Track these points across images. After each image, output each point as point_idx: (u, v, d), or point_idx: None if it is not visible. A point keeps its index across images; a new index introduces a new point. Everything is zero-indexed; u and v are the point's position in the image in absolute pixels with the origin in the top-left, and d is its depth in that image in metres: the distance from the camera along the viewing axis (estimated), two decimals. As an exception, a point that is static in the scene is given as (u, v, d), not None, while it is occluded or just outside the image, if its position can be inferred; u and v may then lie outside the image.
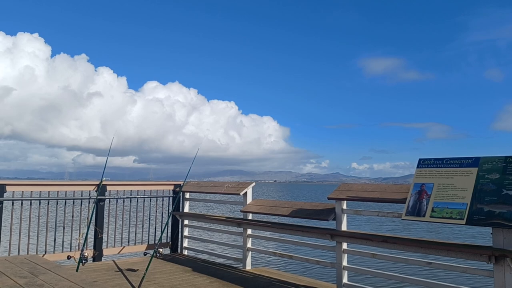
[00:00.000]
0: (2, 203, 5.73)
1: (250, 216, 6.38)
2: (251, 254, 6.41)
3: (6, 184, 5.86)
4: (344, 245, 5.10)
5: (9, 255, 5.61)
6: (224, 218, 6.76)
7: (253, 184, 6.57)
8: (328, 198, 5.24)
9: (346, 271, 5.08)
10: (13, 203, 5.91)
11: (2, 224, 5.67)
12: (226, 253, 7.28)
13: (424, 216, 4.16)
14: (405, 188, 4.63)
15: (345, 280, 5.06)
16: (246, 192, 6.44)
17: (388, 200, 4.73)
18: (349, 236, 5.00)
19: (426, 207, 4.18)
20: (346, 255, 5.11)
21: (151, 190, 7.42)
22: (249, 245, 6.35)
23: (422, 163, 4.51)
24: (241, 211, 6.39)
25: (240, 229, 6.44)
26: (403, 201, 4.47)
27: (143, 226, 7.19)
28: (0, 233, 5.62)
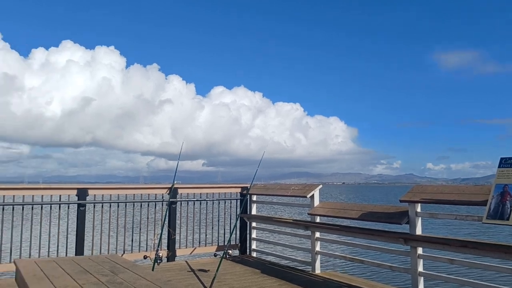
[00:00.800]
0: (85, 206, 6.18)
1: (317, 219, 6.30)
2: (320, 257, 6.32)
3: (88, 188, 6.33)
4: (419, 250, 4.85)
5: (92, 254, 6.04)
6: (291, 221, 6.73)
7: (320, 186, 6.49)
8: (400, 201, 5.02)
9: (422, 277, 4.83)
10: (94, 206, 6.36)
11: (85, 225, 6.13)
12: (294, 256, 7.24)
13: (508, 219, 3.83)
14: (485, 190, 4.30)
15: (421, 286, 4.81)
16: (313, 195, 6.37)
17: (467, 202, 4.43)
18: (425, 241, 4.75)
19: (510, 210, 3.85)
20: (421, 260, 4.86)
21: (219, 192, 7.61)
22: (317, 248, 6.27)
23: (505, 163, 4.17)
24: (308, 214, 6.33)
25: (308, 232, 6.38)
26: (483, 203, 4.16)
27: (212, 228, 7.39)
28: (84, 233, 6.08)
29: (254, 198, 7.71)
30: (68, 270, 3.90)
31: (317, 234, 6.28)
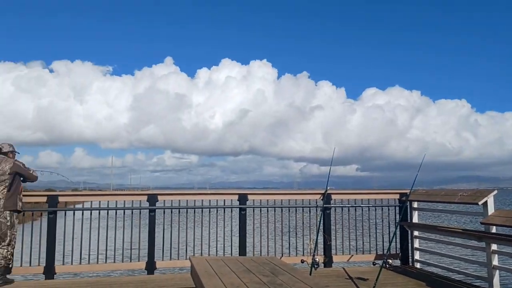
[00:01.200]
0: (246, 210, 6.61)
1: (493, 229, 5.50)
2: (499, 273, 5.49)
3: (248, 194, 6.76)
4: None
5: (253, 255, 6.42)
6: (460, 230, 6.03)
7: (495, 191, 5.66)
8: None
9: None
10: (253, 210, 6.74)
11: (247, 229, 6.55)
12: (465, 270, 6.45)
13: None
14: None
15: None
16: (486, 201, 5.59)
17: None
18: None
19: None
20: None
21: (375, 199, 7.29)
22: (495, 262, 5.46)
23: None
24: (481, 223, 5.57)
25: (482, 244, 5.62)
26: None
27: (369, 235, 7.11)
28: (246, 236, 6.50)
29: (415, 205, 7.15)
30: (234, 269, 4.20)
31: (494, 247, 5.48)
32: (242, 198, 6.64)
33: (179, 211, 6.49)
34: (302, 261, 6.13)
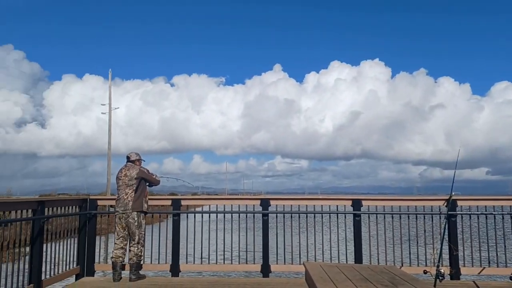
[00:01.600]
0: (360, 216, 6.37)
1: None
2: None
3: (362, 199, 6.51)
4: None
5: (370, 263, 6.13)
6: None
7: None
8: None
9: None
10: (369, 217, 6.46)
11: (362, 235, 6.30)
12: None
13: None
14: None
15: None
16: None
17: None
18: None
19: None
20: None
21: (510, 205, 6.44)
22: None
23: None
24: None
25: None
26: None
27: (505, 246, 6.30)
28: (361, 242, 6.25)
29: (562, 213, 6.14)
30: (350, 276, 4.05)
31: None
32: (356, 204, 6.41)
33: (291, 215, 6.52)
34: (425, 272, 5.67)
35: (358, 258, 6.21)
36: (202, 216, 6.82)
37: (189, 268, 6.60)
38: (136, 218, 5.96)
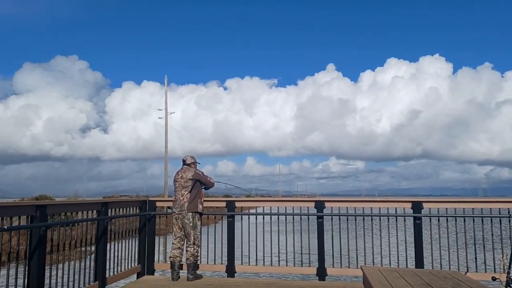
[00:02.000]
0: (421, 219, 6.08)
1: None
2: None
3: (422, 201, 6.22)
4: None
5: (432, 268, 5.84)
6: None
7: None
8: None
9: None
10: (430, 219, 6.17)
11: (424, 239, 6.01)
12: None
13: None
14: None
15: None
16: None
17: None
18: None
19: None
20: None
21: None
22: None
23: None
24: None
25: None
26: None
27: None
28: (422, 246, 5.97)
29: None
30: (411, 282, 3.88)
31: None
32: (416, 206, 6.14)
33: (347, 218, 6.37)
34: (494, 279, 5.29)
35: (419, 263, 5.94)
36: (256, 217, 6.85)
37: (244, 269, 6.64)
38: (191, 219, 6.10)
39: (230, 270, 6.42)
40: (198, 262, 6.28)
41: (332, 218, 6.39)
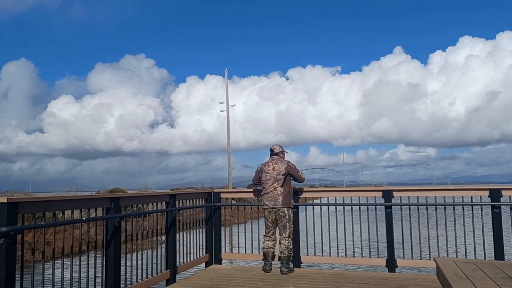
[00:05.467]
0: (500, 208, 5.65)
1: None
2: None
3: (501, 189, 5.77)
4: None
5: (514, 261, 5.40)
6: None
7: None
8: None
9: None
10: (511, 208, 5.70)
11: (504, 230, 5.59)
12: None
13: None
14: None
15: None
16: None
17: None
18: None
19: None
20: None
21: None
22: None
23: None
24: None
25: None
26: None
27: None
28: (502, 237, 5.54)
29: None
30: (490, 274, 3.61)
31: None
32: (495, 194, 5.70)
33: (418, 208, 6.08)
34: None
35: (499, 255, 5.52)
36: (320, 208, 6.75)
37: (310, 260, 6.59)
38: (286, 212, 5.93)
39: (296, 261, 6.40)
40: (292, 255, 6.13)
41: (401, 208, 6.13)
